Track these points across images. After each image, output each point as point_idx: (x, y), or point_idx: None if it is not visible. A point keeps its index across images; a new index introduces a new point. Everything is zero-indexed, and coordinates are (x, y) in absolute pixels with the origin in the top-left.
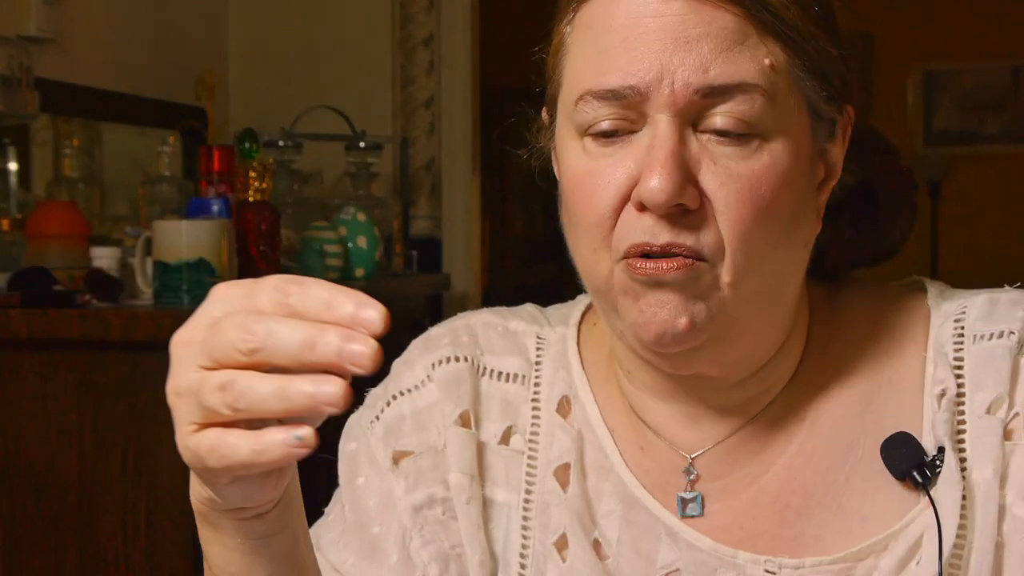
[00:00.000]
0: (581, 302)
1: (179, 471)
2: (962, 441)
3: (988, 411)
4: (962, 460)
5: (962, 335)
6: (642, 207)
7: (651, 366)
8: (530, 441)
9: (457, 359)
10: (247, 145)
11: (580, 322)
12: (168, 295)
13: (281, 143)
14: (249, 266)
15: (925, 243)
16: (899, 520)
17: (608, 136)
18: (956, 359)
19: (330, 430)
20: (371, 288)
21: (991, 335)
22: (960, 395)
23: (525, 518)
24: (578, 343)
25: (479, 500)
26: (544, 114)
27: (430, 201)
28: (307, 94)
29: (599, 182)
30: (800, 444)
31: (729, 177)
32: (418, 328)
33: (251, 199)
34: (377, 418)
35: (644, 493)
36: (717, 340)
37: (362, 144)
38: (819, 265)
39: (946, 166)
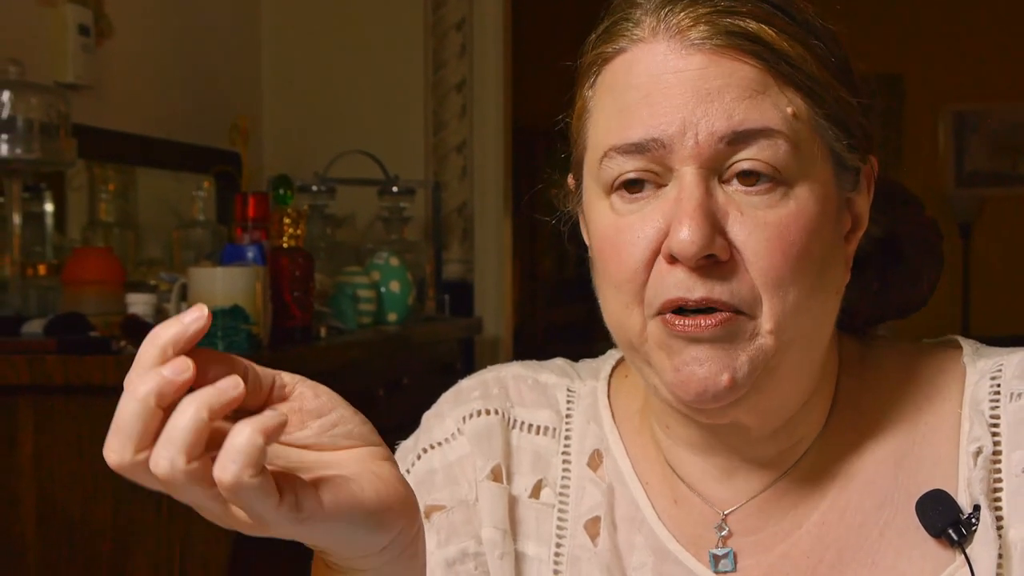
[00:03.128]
0: (612, 356)
1: None
2: (998, 499)
3: None
4: (998, 519)
5: (998, 393)
6: (673, 260)
7: (686, 418)
8: (560, 494)
9: (488, 412)
10: (282, 191)
11: (611, 376)
12: (203, 341)
13: (314, 188)
14: (283, 312)
15: (957, 284)
16: (936, 575)
17: (634, 186)
18: (992, 417)
19: None
20: (403, 332)
21: None
22: (996, 453)
23: (556, 572)
24: (609, 397)
25: (512, 555)
26: (571, 179)
27: (462, 245)
28: (340, 139)
29: (628, 238)
30: (833, 500)
31: (757, 226)
32: (450, 371)
33: (285, 245)
34: (408, 471)
35: (677, 547)
36: (756, 390)
37: (395, 189)
38: (849, 320)
39: (977, 207)
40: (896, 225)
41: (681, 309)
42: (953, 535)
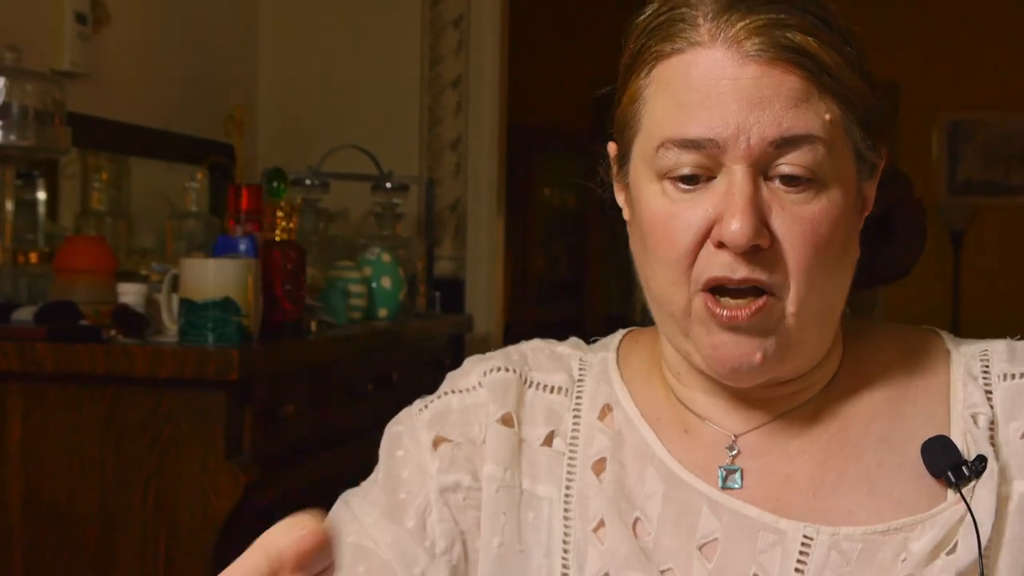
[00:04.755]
0: (620, 333)
1: (199, 507)
2: (995, 458)
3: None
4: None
5: (988, 372)
6: (720, 245)
7: (703, 373)
8: (571, 443)
9: (507, 369)
10: (275, 184)
11: (619, 347)
12: (193, 333)
13: (308, 182)
14: (274, 305)
15: (947, 292)
16: (929, 508)
17: (688, 181)
18: (987, 392)
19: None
20: (394, 328)
21: (1019, 375)
22: (992, 422)
23: (566, 510)
24: (618, 363)
25: (511, 491)
26: (612, 146)
27: (454, 242)
28: (335, 133)
29: (680, 223)
30: (835, 434)
31: (795, 220)
32: (439, 368)
33: (278, 238)
34: (426, 407)
35: (686, 472)
36: (779, 362)
37: (388, 184)
38: None
39: (970, 216)
40: (890, 203)
41: (722, 288)
42: (951, 476)
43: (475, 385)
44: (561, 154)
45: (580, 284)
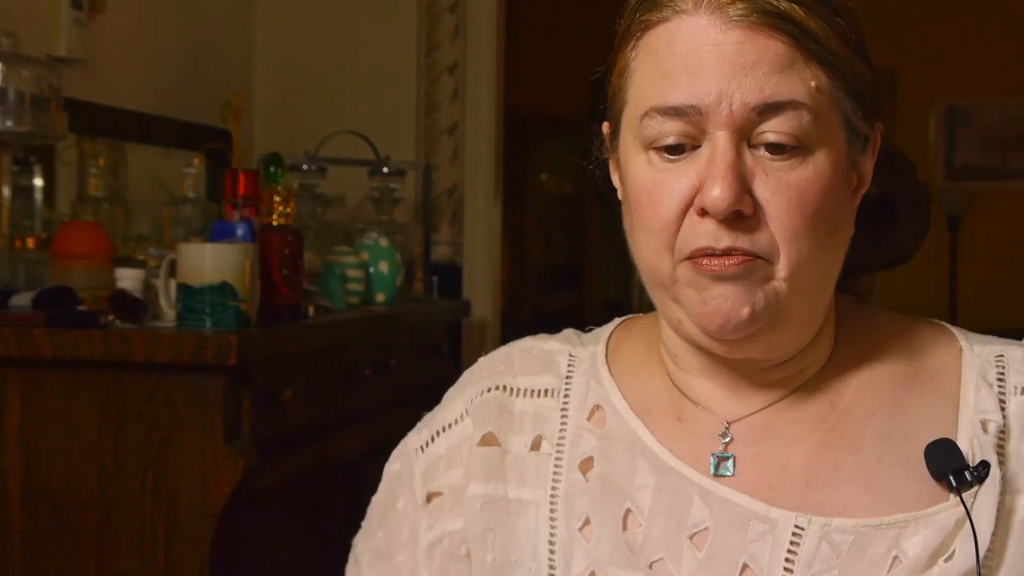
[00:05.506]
0: (614, 322)
1: (198, 492)
2: (1001, 468)
3: None
4: (1001, 482)
5: (1003, 380)
6: (703, 213)
7: (700, 351)
8: (558, 445)
9: (491, 389)
10: (272, 169)
11: (609, 339)
12: (191, 317)
13: (305, 167)
14: (272, 290)
15: (944, 277)
16: (926, 507)
17: (672, 150)
18: (1001, 399)
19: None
20: (391, 313)
21: None
22: (1002, 432)
23: (552, 510)
24: (607, 356)
25: (496, 504)
26: (606, 126)
27: (451, 227)
28: (332, 119)
29: (664, 192)
30: (833, 424)
31: (780, 187)
32: (437, 353)
33: (275, 223)
34: (423, 448)
35: (677, 462)
36: (770, 327)
37: (385, 169)
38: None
39: (967, 201)
40: (892, 186)
41: (709, 255)
42: (953, 481)
43: (461, 414)
44: (559, 140)
45: (578, 270)
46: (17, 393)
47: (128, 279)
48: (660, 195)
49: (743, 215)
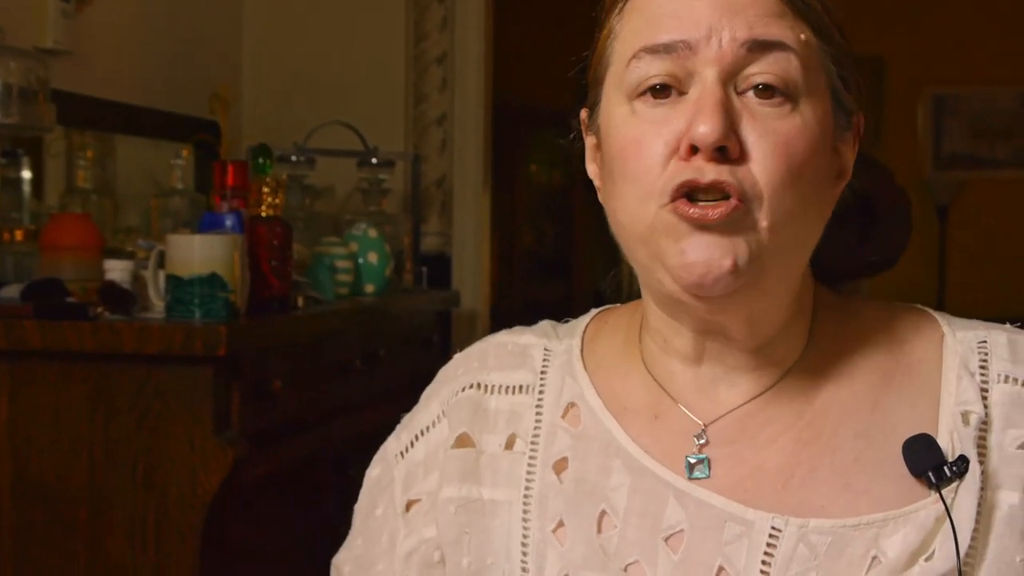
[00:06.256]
0: (590, 314)
1: (188, 484)
2: (982, 462)
3: (1021, 447)
4: (982, 477)
5: (986, 368)
6: (689, 154)
7: (683, 327)
8: (532, 443)
9: (465, 388)
10: (261, 160)
11: (585, 331)
12: (180, 309)
13: (294, 158)
14: (261, 281)
15: (932, 267)
16: (905, 506)
17: (658, 93)
18: (983, 389)
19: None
20: (381, 304)
21: (1023, 382)
22: (984, 423)
23: (525, 511)
24: (582, 351)
25: (470, 505)
26: (583, 113)
27: (441, 218)
28: (320, 110)
29: (650, 138)
30: (809, 422)
31: (767, 131)
32: (427, 344)
33: (264, 214)
34: (403, 454)
35: (652, 462)
36: (750, 287)
37: (374, 160)
38: (826, 273)
39: (955, 190)
40: (871, 188)
41: (691, 196)
42: (932, 477)
43: (438, 416)
44: (548, 131)
45: (567, 261)
46: (6, 385)
47: (117, 271)
48: (646, 142)
49: (729, 156)
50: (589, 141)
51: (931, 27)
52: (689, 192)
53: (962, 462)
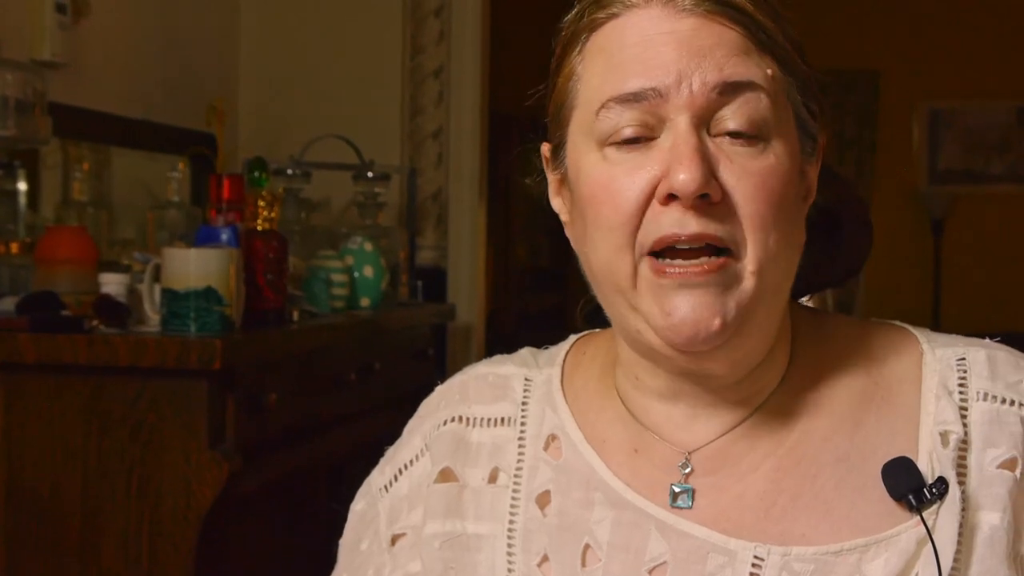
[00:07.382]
0: (569, 341)
1: (181, 496)
2: (962, 483)
3: (1001, 466)
4: (962, 498)
5: (965, 386)
6: (667, 201)
7: (655, 367)
8: (515, 476)
9: (447, 421)
10: (257, 174)
11: (565, 361)
12: (175, 322)
13: (290, 171)
14: (257, 295)
15: (928, 281)
16: (887, 530)
17: (630, 143)
18: (962, 408)
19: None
20: (376, 317)
21: (1002, 399)
22: (964, 442)
23: (510, 545)
24: (562, 381)
25: (455, 540)
26: (545, 147)
27: (436, 231)
28: (316, 123)
29: (624, 182)
30: (790, 449)
31: (745, 173)
32: (422, 357)
33: (259, 227)
34: (387, 488)
35: (634, 495)
36: (736, 334)
37: (370, 174)
38: (793, 290)
39: (950, 204)
40: (833, 202)
41: (672, 249)
42: (913, 500)
43: (421, 450)
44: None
45: (562, 274)
46: (1, 398)
47: (112, 284)
48: (619, 187)
49: (711, 201)
50: (553, 176)
51: (927, 42)
52: (668, 246)
53: (942, 484)
